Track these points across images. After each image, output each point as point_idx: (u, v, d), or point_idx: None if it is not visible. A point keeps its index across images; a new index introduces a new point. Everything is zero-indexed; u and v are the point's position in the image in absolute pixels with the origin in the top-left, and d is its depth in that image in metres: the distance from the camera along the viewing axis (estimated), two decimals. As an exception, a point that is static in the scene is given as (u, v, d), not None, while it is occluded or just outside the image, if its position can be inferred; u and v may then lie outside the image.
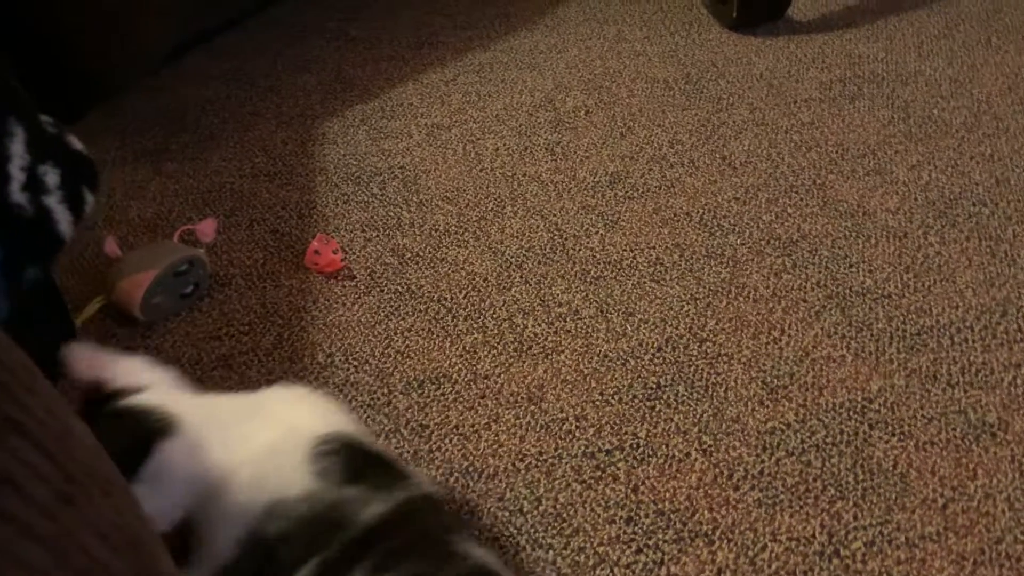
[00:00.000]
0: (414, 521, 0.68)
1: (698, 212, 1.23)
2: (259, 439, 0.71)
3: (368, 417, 0.95)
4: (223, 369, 1.01)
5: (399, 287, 1.12)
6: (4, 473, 0.34)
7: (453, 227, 1.22)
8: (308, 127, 1.43)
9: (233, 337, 1.05)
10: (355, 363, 1.02)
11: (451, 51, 1.63)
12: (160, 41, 1.50)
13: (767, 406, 0.95)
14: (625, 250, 1.17)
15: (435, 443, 0.92)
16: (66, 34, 1.31)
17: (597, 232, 1.20)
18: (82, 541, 0.37)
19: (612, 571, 0.80)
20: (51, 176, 0.31)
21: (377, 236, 1.20)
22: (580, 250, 1.17)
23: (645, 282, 1.12)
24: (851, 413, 0.94)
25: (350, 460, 0.70)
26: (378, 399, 0.97)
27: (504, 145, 1.38)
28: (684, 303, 1.09)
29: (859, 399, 0.95)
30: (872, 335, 1.03)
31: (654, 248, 1.17)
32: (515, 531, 0.83)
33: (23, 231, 0.29)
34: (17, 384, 0.38)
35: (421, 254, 1.17)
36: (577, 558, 0.81)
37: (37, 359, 0.40)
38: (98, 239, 1.13)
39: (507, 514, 0.85)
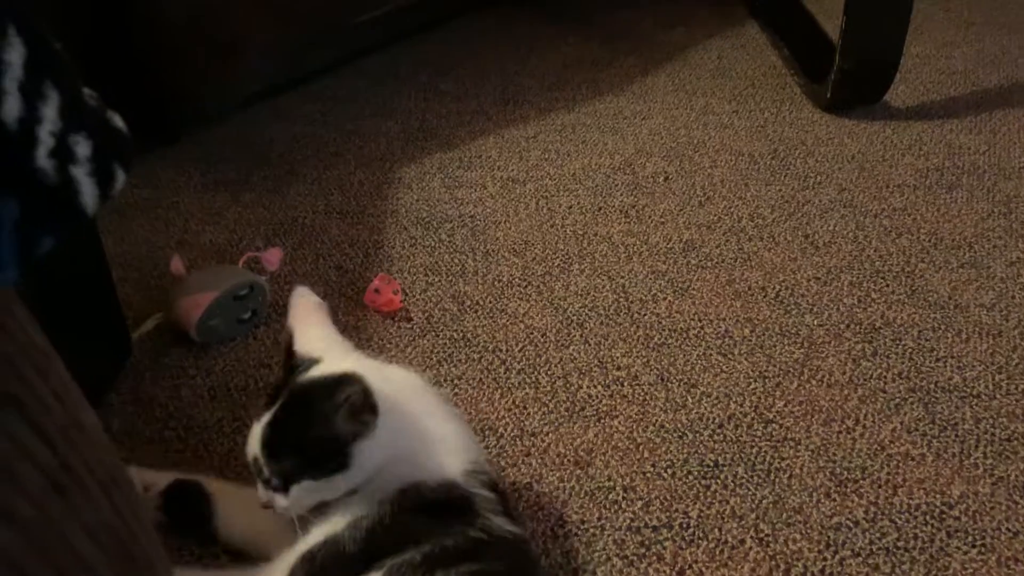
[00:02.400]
0: (521, 560, 0.71)
1: (774, 288, 1.18)
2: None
3: (407, 463, 0.91)
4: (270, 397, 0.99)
5: (455, 334, 1.09)
6: None
7: (517, 279, 1.19)
8: (386, 171, 1.44)
9: (283, 367, 1.04)
10: (401, 406, 0.98)
11: (535, 110, 1.63)
12: (256, 78, 1.55)
13: (834, 499, 0.87)
14: (693, 319, 1.12)
15: (472, 497, 0.88)
16: (170, 62, 1.37)
17: (665, 298, 1.16)
18: (67, 535, 0.34)
19: (646, 659, 0.73)
20: (82, 147, 0.29)
21: (439, 281, 1.18)
22: (645, 315, 1.13)
23: (711, 354, 1.06)
24: (928, 517, 0.85)
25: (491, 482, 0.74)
26: (419, 445, 0.93)
27: (578, 204, 1.35)
28: (751, 380, 1.02)
29: (938, 503, 0.86)
30: (957, 435, 0.94)
31: (724, 320, 1.12)
32: (545, 602, 0.77)
33: (44, 198, 0.27)
34: (27, 364, 0.36)
35: (481, 303, 1.14)
36: (609, 640, 0.74)
37: (87, 368, 0.39)
38: (165, 257, 1.14)
39: (539, 582, 0.79)
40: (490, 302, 1.15)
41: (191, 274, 1.09)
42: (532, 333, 1.09)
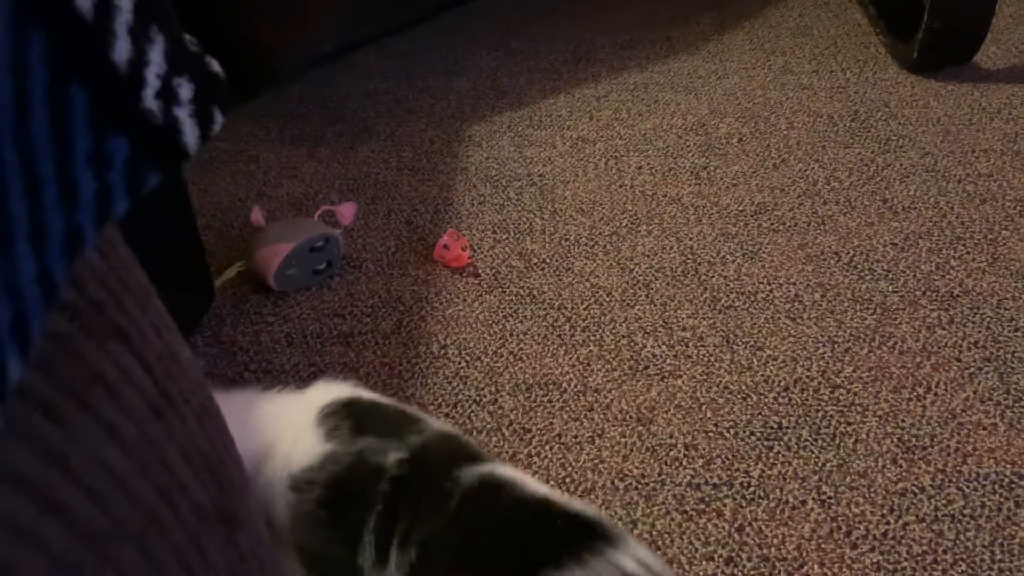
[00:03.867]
0: (428, 468, 0.62)
1: (848, 253, 1.15)
2: (278, 425, 0.69)
3: (472, 413, 0.94)
4: (342, 346, 1.03)
5: (521, 290, 1.11)
6: (99, 373, 0.34)
7: (584, 239, 1.19)
8: (456, 128, 1.45)
9: (356, 317, 1.07)
10: (467, 358, 1.01)
11: (607, 68, 1.62)
12: (331, 37, 1.57)
13: (900, 465, 0.86)
14: (762, 282, 1.11)
15: (535, 448, 0.90)
16: (246, 19, 1.40)
17: (734, 261, 1.15)
18: (166, 456, 0.37)
19: (702, 611, 0.74)
20: (185, 89, 0.31)
21: (507, 239, 1.20)
22: (713, 277, 1.12)
23: (779, 318, 1.05)
24: (996, 486, 0.83)
25: (356, 416, 0.66)
26: (485, 396, 0.96)
27: (648, 164, 1.35)
28: (820, 345, 1.01)
29: (1007, 472, 0.85)
30: (1034, 407, 0.92)
31: (794, 284, 1.10)
32: (604, 551, 0.79)
33: (150, 137, 0.29)
34: (129, 297, 0.38)
35: (548, 261, 1.16)
36: (666, 590, 0.76)
37: (174, 312, 0.41)
38: (246, 208, 1.19)
39: (598, 532, 0.81)
40: (556, 260, 1.16)
41: (270, 225, 1.13)
42: (598, 292, 1.10)
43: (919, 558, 0.77)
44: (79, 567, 0.29)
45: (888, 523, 0.81)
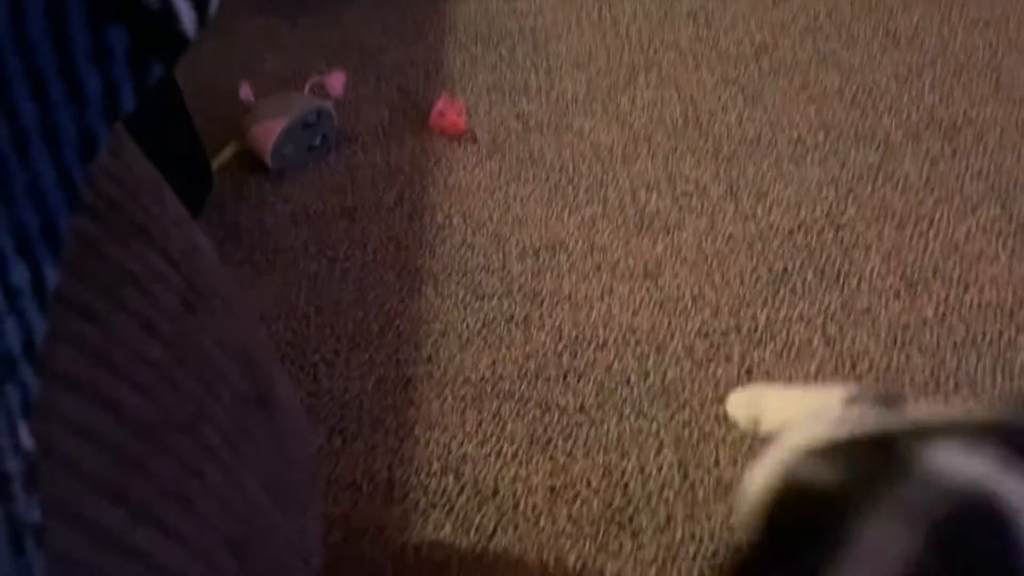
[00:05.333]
0: None
1: (851, 90, 1.13)
2: None
3: (481, 280, 0.95)
4: (347, 221, 1.03)
5: (521, 154, 1.09)
6: (128, 273, 0.35)
7: (581, 95, 1.17)
8: (441, -15, 1.39)
9: (357, 192, 1.07)
10: (473, 226, 1.01)
11: (594, -92, 1.52)
12: None
13: (903, 300, 0.88)
14: (764, 127, 1.09)
15: (546, 310, 0.92)
16: None
17: (735, 107, 1.13)
18: (202, 346, 0.38)
19: (716, 449, 0.78)
20: None
21: (502, 100, 1.17)
22: (715, 125, 1.10)
23: (783, 163, 1.05)
24: (998, 314, 0.86)
25: None
26: (493, 262, 0.97)
27: (643, 9, 1.30)
28: (824, 187, 1.01)
29: (1009, 300, 0.87)
30: (1036, 234, 0.93)
31: (797, 127, 1.09)
32: (620, 400, 0.83)
33: (149, 25, 0.28)
34: (145, 194, 0.38)
35: (546, 121, 1.14)
36: (680, 432, 0.79)
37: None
38: (233, 85, 1.15)
39: (613, 384, 0.84)
40: (555, 120, 1.14)
41: (260, 102, 1.10)
42: (598, 150, 1.09)
43: (921, 386, 0.81)
44: (139, 457, 0.31)
45: (891, 356, 0.83)
